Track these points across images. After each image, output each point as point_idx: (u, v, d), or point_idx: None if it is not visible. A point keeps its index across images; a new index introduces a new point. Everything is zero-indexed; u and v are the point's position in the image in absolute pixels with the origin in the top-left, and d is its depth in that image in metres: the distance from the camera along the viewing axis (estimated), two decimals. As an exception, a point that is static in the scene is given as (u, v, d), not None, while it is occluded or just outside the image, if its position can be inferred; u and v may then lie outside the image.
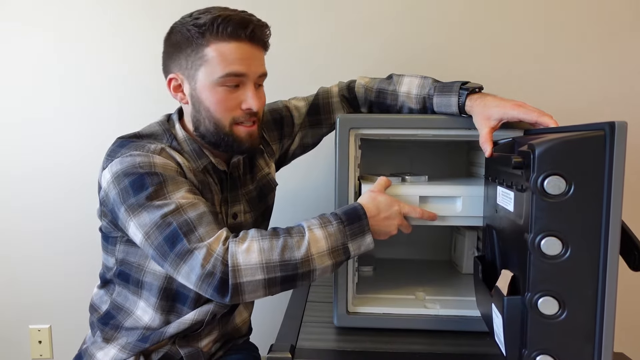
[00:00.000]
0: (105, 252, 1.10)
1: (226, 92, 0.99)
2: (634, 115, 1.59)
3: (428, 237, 1.56)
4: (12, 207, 1.71)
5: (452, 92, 1.05)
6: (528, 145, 0.72)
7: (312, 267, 0.92)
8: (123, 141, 1.01)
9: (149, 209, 0.92)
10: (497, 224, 0.93)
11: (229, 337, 1.20)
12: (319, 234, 0.93)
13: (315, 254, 0.92)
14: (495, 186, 0.93)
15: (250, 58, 1.00)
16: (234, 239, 0.92)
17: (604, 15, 1.56)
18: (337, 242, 0.94)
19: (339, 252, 0.94)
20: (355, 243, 0.95)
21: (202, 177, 1.05)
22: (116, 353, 1.06)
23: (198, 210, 0.93)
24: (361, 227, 0.96)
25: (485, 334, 1.08)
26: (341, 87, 1.24)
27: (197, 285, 0.89)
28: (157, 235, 0.91)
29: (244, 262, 0.88)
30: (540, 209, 0.71)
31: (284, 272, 0.90)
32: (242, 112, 1.02)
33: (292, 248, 0.91)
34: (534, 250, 0.72)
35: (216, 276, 0.88)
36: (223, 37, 0.97)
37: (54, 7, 1.62)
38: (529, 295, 0.73)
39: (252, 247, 0.90)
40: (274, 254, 0.90)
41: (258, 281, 0.89)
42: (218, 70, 0.98)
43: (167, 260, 0.91)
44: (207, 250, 0.89)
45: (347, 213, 0.97)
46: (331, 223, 0.95)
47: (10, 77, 1.66)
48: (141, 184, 0.93)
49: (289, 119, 1.24)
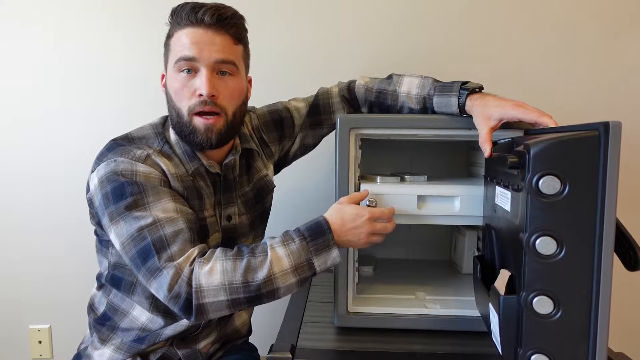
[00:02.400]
0: (100, 254, 1.10)
1: (183, 79, 0.99)
2: (633, 115, 1.59)
3: (428, 237, 1.56)
4: (12, 207, 1.72)
5: (452, 92, 1.05)
6: (524, 145, 0.72)
7: (276, 286, 0.91)
8: (112, 144, 1.02)
9: (127, 219, 0.93)
10: (496, 223, 0.93)
11: (228, 338, 1.20)
12: (281, 252, 0.92)
13: (277, 273, 0.90)
14: (494, 186, 0.93)
15: (203, 42, 0.98)
16: (199, 259, 0.91)
17: (604, 15, 1.56)
18: (301, 259, 0.92)
19: (304, 269, 0.93)
20: (320, 258, 0.94)
21: (190, 182, 1.04)
22: (111, 354, 1.07)
23: (175, 226, 0.93)
24: (325, 242, 0.94)
25: (485, 334, 1.08)
26: (341, 88, 1.24)
27: (165, 301, 0.91)
28: (131, 248, 0.92)
29: (207, 284, 0.89)
30: (535, 209, 0.71)
31: (247, 293, 0.90)
32: (197, 99, 0.99)
33: (255, 269, 0.90)
34: (529, 250, 0.72)
35: (182, 297, 0.89)
36: (180, 25, 0.99)
37: (54, 7, 1.62)
38: (524, 294, 0.73)
39: (215, 268, 0.90)
40: (237, 275, 0.89)
41: (221, 302, 0.90)
42: (175, 55, 0.99)
43: (140, 273, 0.93)
44: (175, 270, 0.89)
45: (311, 228, 0.95)
46: (294, 240, 0.93)
47: (10, 77, 1.66)
48: (121, 193, 0.94)
49: (289, 120, 1.23)
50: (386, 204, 1.08)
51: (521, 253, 0.73)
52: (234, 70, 1.02)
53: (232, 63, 1.01)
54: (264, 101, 1.27)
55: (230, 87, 1.02)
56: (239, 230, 1.13)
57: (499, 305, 0.77)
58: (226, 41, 1.01)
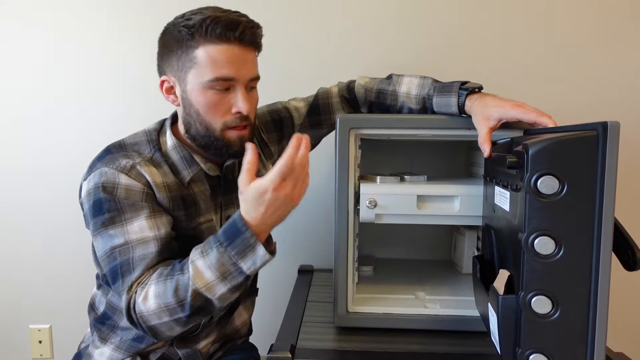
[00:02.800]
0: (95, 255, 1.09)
1: (216, 95, 0.98)
2: (632, 115, 1.59)
3: (428, 237, 1.56)
4: (12, 207, 1.72)
5: (451, 92, 1.05)
6: (522, 145, 0.72)
7: (205, 298, 0.89)
8: (104, 152, 1.03)
9: (103, 235, 0.96)
10: (495, 223, 0.94)
11: (228, 338, 1.20)
12: (201, 265, 0.89)
13: (202, 286, 0.88)
14: (493, 186, 0.93)
15: (240, 61, 0.97)
16: (138, 286, 0.93)
17: (604, 15, 1.56)
18: (225, 266, 0.88)
19: (232, 275, 0.88)
20: (248, 260, 0.88)
21: (184, 191, 1.04)
22: (111, 353, 1.07)
23: (145, 250, 0.95)
24: (245, 242, 0.87)
25: (485, 334, 1.08)
26: (341, 88, 1.24)
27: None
28: (105, 264, 0.96)
29: (146, 310, 0.91)
30: (533, 209, 0.71)
31: (184, 312, 0.89)
32: (233, 116, 1.00)
33: (183, 287, 0.89)
34: (528, 250, 0.72)
35: (134, 321, 0.93)
36: (212, 39, 0.95)
37: (54, 7, 1.62)
38: (523, 294, 0.73)
39: (148, 294, 0.91)
40: (168, 297, 0.89)
41: (167, 322, 0.91)
42: (207, 73, 0.96)
43: (112, 288, 0.98)
44: (127, 298, 0.93)
45: (226, 232, 0.89)
46: (212, 249, 0.89)
47: (11, 77, 1.66)
48: (100, 208, 0.96)
49: (289, 120, 1.23)
50: (386, 203, 1.08)
51: (520, 253, 0.73)
52: (256, 83, 1.05)
53: (258, 78, 1.04)
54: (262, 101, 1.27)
55: (255, 99, 1.07)
56: None
57: (498, 305, 0.77)
58: (253, 56, 1.02)
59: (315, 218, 1.62)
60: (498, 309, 0.77)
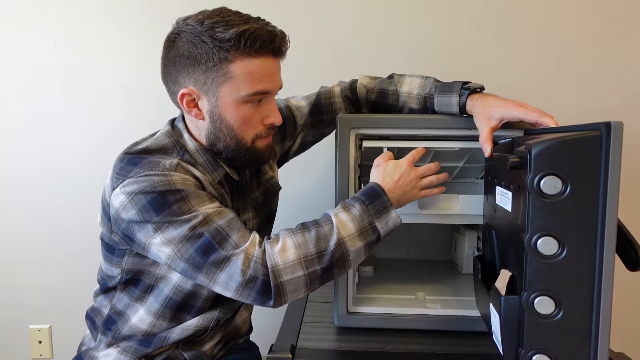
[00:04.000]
0: (109, 263, 1.05)
1: (251, 109, 0.97)
2: (635, 115, 1.59)
3: (428, 237, 1.56)
4: (12, 208, 1.72)
5: (453, 92, 1.04)
6: (525, 146, 0.72)
7: (345, 251, 0.91)
8: (133, 158, 0.95)
9: (175, 224, 0.90)
10: (496, 223, 0.93)
11: (229, 337, 1.19)
12: (345, 217, 0.93)
13: (346, 236, 0.92)
14: (495, 186, 0.93)
15: (275, 74, 0.98)
16: (267, 240, 0.92)
17: (607, 15, 1.56)
18: (364, 222, 0.94)
19: (368, 232, 0.94)
20: (382, 220, 0.95)
21: (218, 189, 1.03)
22: (117, 356, 1.05)
23: (226, 217, 0.92)
24: (383, 204, 0.96)
25: (486, 334, 1.08)
26: (343, 88, 1.23)
27: (237, 291, 0.89)
28: (187, 248, 0.89)
29: (282, 261, 0.88)
30: (536, 209, 0.71)
31: (322, 263, 0.90)
32: (264, 127, 1.00)
33: (325, 237, 0.91)
34: (531, 250, 0.72)
35: (258, 280, 0.88)
36: (250, 53, 0.92)
37: (54, 7, 1.62)
38: (525, 294, 0.73)
39: (287, 244, 0.90)
40: (310, 246, 0.90)
41: (298, 278, 0.89)
42: (245, 87, 0.94)
43: (202, 271, 0.90)
44: (245, 255, 0.88)
45: (366, 193, 0.97)
46: (354, 206, 0.95)
47: (11, 77, 1.66)
48: (163, 202, 0.90)
49: (291, 120, 1.22)
50: None
51: (522, 253, 0.73)
52: None
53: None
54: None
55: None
56: None
57: (500, 306, 0.77)
58: (280, 66, 1.01)
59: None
60: (500, 310, 0.77)
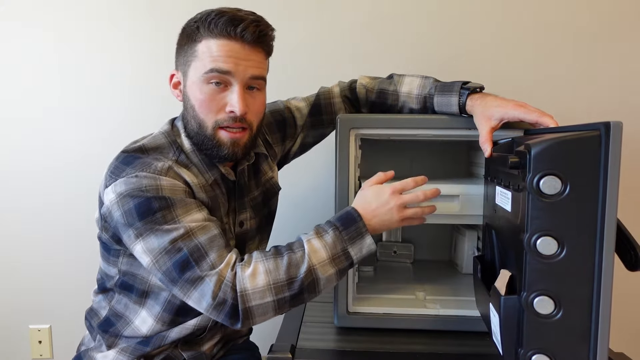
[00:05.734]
0: (107, 262, 1.06)
1: (212, 91, 0.96)
2: (634, 115, 1.59)
3: (428, 237, 1.56)
4: (12, 208, 1.72)
5: (452, 92, 1.04)
6: (524, 145, 0.72)
7: (316, 277, 0.91)
8: (127, 157, 0.96)
9: (157, 233, 0.90)
10: (496, 223, 0.94)
11: (229, 337, 1.20)
12: (317, 244, 0.93)
13: (317, 263, 0.91)
14: (495, 186, 0.93)
15: (239, 57, 0.95)
16: (240, 263, 0.91)
17: (605, 15, 1.56)
18: (336, 249, 0.93)
19: (341, 259, 0.93)
20: (356, 247, 0.94)
21: (211, 192, 1.02)
22: (116, 355, 1.05)
23: (209, 233, 0.92)
24: (357, 230, 0.94)
25: (485, 334, 1.08)
26: (343, 88, 1.23)
27: (207, 311, 0.89)
28: (165, 261, 0.90)
29: (252, 287, 0.88)
30: (536, 209, 0.71)
31: (291, 290, 0.90)
32: (226, 114, 0.97)
33: (296, 264, 0.91)
34: (530, 250, 0.72)
35: (227, 303, 0.88)
36: (213, 34, 0.94)
37: (54, 7, 1.62)
38: (525, 294, 0.73)
39: (258, 269, 0.90)
40: (280, 273, 0.90)
41: (267, 303, 0.89)
42: (204, 65, 0.95)
43: (177, 286, 0.90)
44: (218, 277, 0.88)
45: (341, 218, 0.96)
46: (327, 232, 0.94)
47: (10, 77, 1.66)
48: (148, 208, 0.90)
49: (291, 120, 1.22)
50: None
51: (522, 253, 0.73)
52: (262, 85, 1.02)
53: (262, 79, 1.01)
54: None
55: (258, 103, 1.02)
56: (249, 234, 1.13)
57: (500, 306, 0.77)
58: (260, 57, 0.99)
59: (316, 218, 1.60)
60: (500, 310, 0.77)
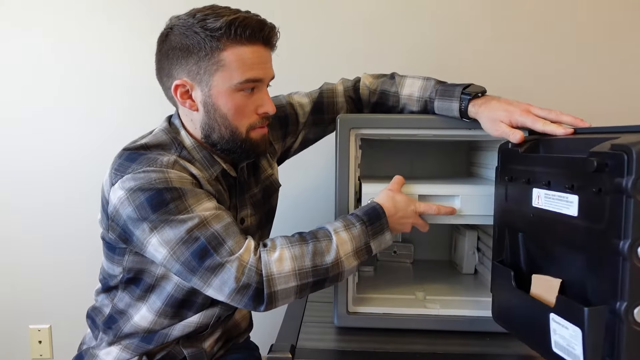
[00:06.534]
0: (110, 261, 1.05)
1: (244, 98, 0.97)
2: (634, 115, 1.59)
3: (428, 237, 1.55)
4: (12, 208, 1.72)
5: (453, 98, 1.03)
6: (614, 147, 0.67)
7: (341, 269, 0.94)
8: (131, 154, 0.96)
9: (172, 224, 0.90)
10: (530, 227, 0.88)
11: (229, 334, 1.20)
12: (345, 236, 0.95)
13: (343, 256, 0.94)
14: (526, 187, 0.88)
15: (266, 62, 0.99)
16: (264, 248, 0.92)
17: (607, 15, 1.56)
18: (361, 242, 0.96)
19: (362, 252, 0.97)
20: (376, 241, 0.98)
21: (216, 186, 1.03)
22: (119, 353, 1.05)
23: (223, 221, 0.93)
24: (381, 226, 0.98)
25: (485, 334, 1.08)
26: (347, 87, 1.22)
27: (230, 297, 0.90)
28: (183, 251, 0.90)
29: (278, 271, 0.90)
30: (637, 214, 0.65)
31: (315, 277, 0.92)
32: (258, 116, 1.00)
33: (322, 253, 0.93)
34: (630, 257, 0.66)
35: (251, 287, 0.89)
36: (241, 41, 0.94)
37: (54, 8, 1.62)
38: (625, 304, 0.67)
39: (284, 255, 0.91)
40: (306, 260, 0.92)
41: (290, 288, 0.91)
42: (237, 75, 0.94)
43: (196, 275, 0.90)
44: (239, 262, 0.89)
45: (368, 213, 0.99)
46: (354, 225, 0.97)
47: (10, 76, 1.66)
48: (160, 200, 0.90)
49: (294, 117, 1.21)
50: None
51: (606, 259, 0.68)
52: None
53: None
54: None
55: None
56: (249, 231, 1.12)
57: (584, 317, 0.71)
58: (271, 56, 1.02)
59: (316, 218, 1.61)
60: (584, 322, 0.71)
